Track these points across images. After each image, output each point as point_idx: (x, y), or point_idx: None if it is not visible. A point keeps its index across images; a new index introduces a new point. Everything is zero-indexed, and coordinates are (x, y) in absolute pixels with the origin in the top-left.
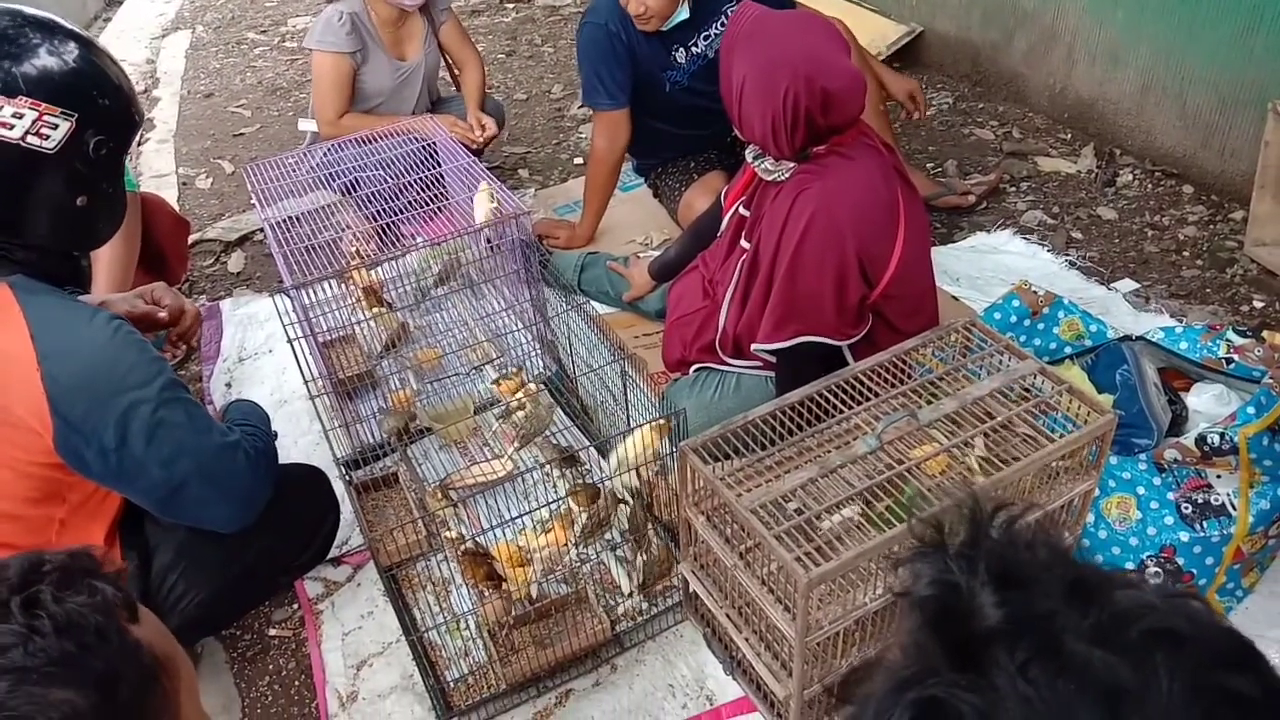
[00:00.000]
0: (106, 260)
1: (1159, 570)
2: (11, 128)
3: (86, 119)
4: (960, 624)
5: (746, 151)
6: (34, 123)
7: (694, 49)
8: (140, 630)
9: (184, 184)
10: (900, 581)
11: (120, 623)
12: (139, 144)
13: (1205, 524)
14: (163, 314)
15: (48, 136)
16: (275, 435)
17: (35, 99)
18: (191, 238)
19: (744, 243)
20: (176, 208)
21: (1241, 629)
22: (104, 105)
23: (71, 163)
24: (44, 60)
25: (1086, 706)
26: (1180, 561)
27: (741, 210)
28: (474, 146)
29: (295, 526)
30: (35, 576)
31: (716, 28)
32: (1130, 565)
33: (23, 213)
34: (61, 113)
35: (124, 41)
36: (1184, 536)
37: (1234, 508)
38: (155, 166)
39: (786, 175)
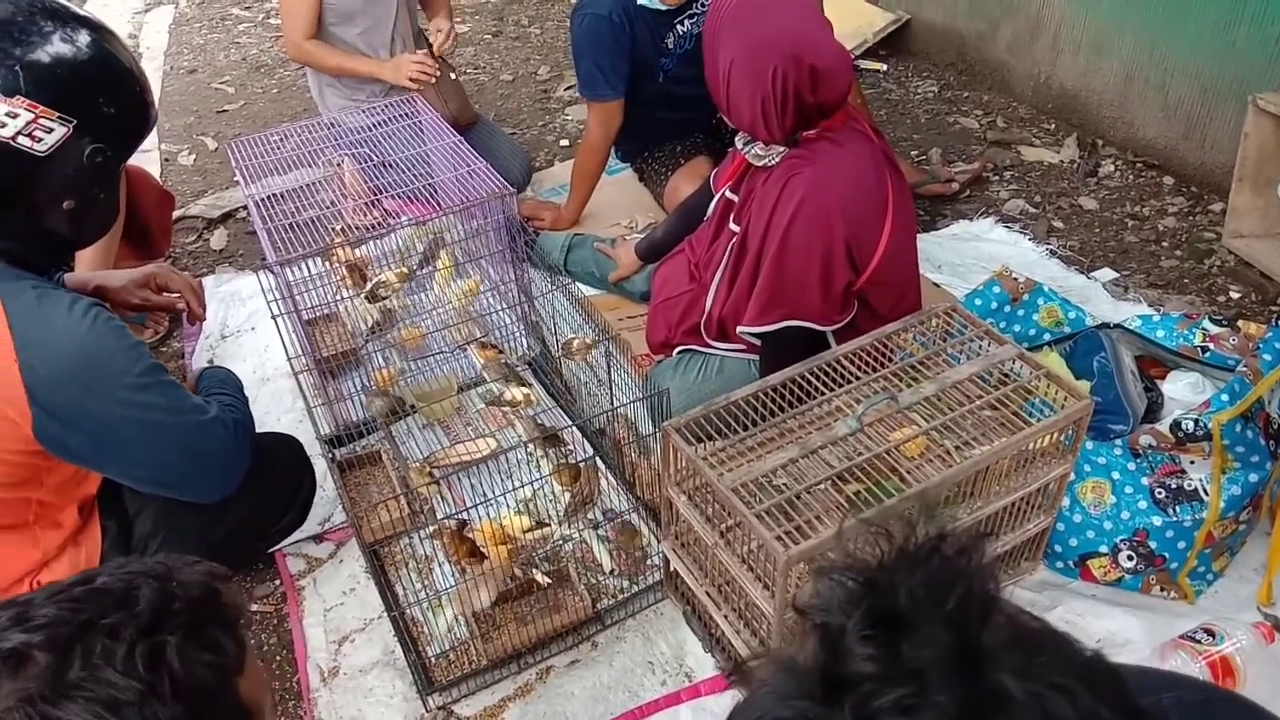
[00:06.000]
0: None
1: (1132, 554)
2: (4, 126)
3: (85, 126)
4: (835, 660)
5: (736, 139)
6: (28, 124)
7: (680, 28)
8: (243, 683)
9: (167, 160)
10: (807, 596)
11: (232, 685)
12: None
13: (1178, 509)
14: (182, 304)
15: (40, 139)
16: (247, 400)
17: (34, 100)
18: (174, 214)
19: (732, 225)
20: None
21: (1212, 612)
22: (107, 113)
23: (63, 168)
24: (50, 59)
25: None
26: (1153, 545)
27: (729, 194)
28: (435, 71)
29: (272, 491)
30: (164, 620)
31: (698, 6)
32: (1104, 549)
33: (3, 208)
34: (59, 117)
35: (107, 16)
36: (1157, 521)
37: (1206, 493)
38: None
39: (776, 160)
